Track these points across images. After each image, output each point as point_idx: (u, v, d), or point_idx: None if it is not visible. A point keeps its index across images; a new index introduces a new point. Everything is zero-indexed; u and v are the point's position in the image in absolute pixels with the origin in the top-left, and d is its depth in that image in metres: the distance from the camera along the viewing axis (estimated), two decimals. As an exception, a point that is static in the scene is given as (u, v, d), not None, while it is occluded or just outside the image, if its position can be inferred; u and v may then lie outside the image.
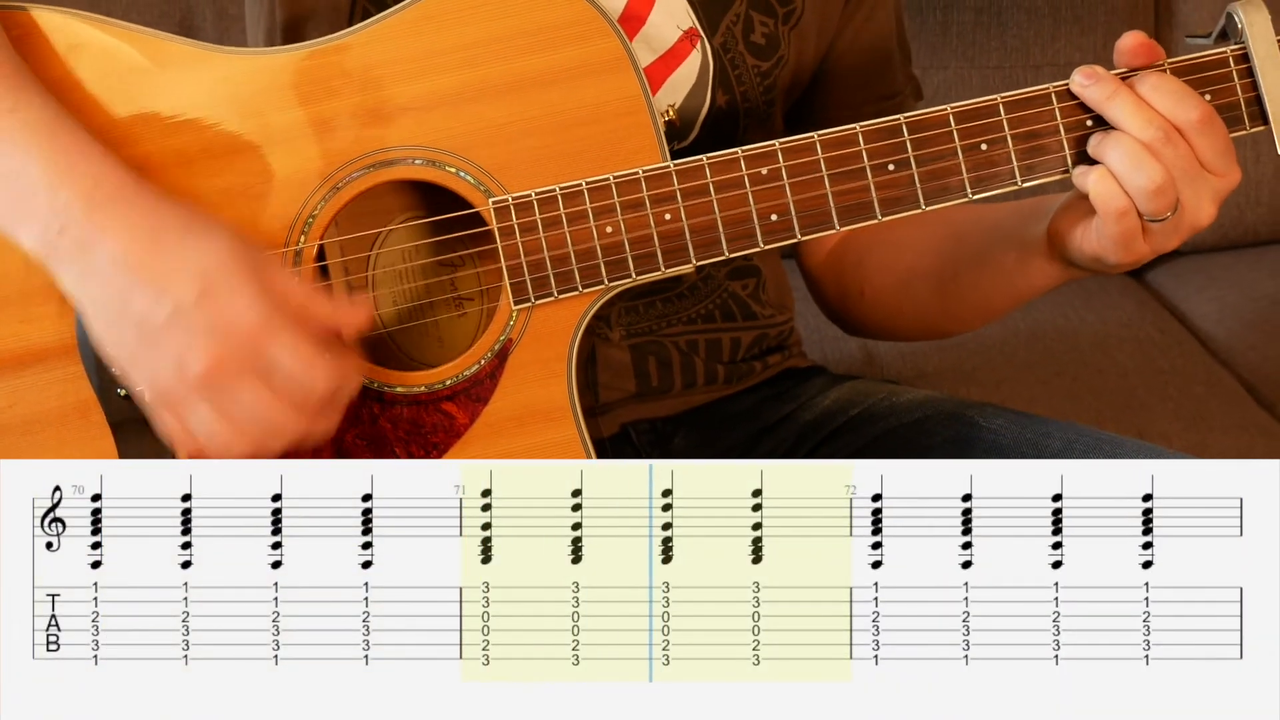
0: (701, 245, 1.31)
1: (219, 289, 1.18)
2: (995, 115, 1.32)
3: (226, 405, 1.19)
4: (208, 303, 1.18)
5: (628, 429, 1.51)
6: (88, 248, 1.20)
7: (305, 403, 1.20)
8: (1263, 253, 2.39)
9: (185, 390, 1.19)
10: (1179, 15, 2.36)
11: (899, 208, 1.32)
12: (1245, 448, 2.00)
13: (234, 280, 1.18)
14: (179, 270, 1.19)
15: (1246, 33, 1.31)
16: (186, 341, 1.18)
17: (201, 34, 2.19)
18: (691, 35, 1.45)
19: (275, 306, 1.19)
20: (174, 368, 1.19)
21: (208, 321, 1.18)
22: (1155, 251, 1.32)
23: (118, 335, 1.21)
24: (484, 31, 1.29)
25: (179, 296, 1.18)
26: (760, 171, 1.30)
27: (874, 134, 1.31)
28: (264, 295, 1.19)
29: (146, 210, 1.21)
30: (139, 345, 1.20)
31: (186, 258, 1.19)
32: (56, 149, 1.21)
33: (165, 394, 1.21)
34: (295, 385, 1.20)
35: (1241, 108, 1.32)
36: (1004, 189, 1.32)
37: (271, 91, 1.30)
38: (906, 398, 1.53)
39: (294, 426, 1.21)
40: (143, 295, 1.19)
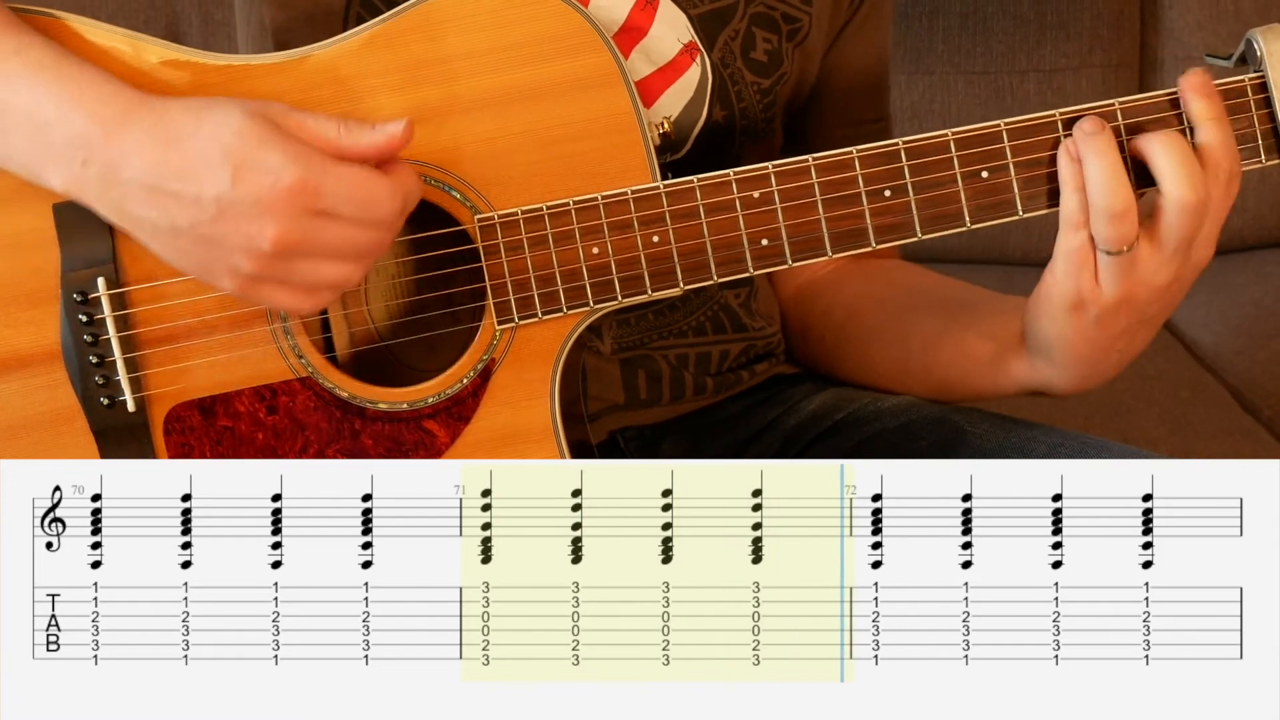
0: (690, 269, 1.28)
1: (250, 161, 1.17)
2: (998, 141, 1.28)
3: (316, 255, 1.19)
4: (243, 179, 1.17)
5: (615, 436, 1.50)
6: (114, 172, 1.19)
7: (381, 218, 1.19)
8: (1248, 258, 2.39)
9: (271, 267, 1.19)
10: (1164, 23, 2.36)
11: (894, 235, 1.28)
12: (1231, 452, 1.99)
13: (260, 146, 1.17)
14: (205, 160, 1.17)
15: (1266, 61, 1.27)
16: (244, 230, 1.17)
17: (188, 39, 2.18)
18: (691, 49, 1.44)
19: (308, 155, 1.17)
20: (247, 255, 1.18)
21: (253, 198, 1.17)
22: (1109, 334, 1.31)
23: (179, 250, 1.21)
24: (474, 43, 1.27)
25: (216, 186, 1.17)
26: (752, 195, 1.28)
27: (871, 158, 1.28)
28: (293, 148, 1.17)
29: (155, 116, 1.19)
30: (204, 252, 1.20)
31: (206, 144, 1.18)
32: (63, 79, 1.20)
33: (256, 279, 1.20)
34: (365, 209, 1.18)
35: (1258, 139, 1.29)
36: (1005, 218, 1.29)
37: (256, 99, 1.27)
38: (892, 402, 1.52)
39: (384, 240, 1.20)
40: (182, 203, 1.18)
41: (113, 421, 1.28)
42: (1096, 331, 1.30)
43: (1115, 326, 1.30)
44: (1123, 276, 1.27)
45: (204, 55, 1.29)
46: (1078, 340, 1.31)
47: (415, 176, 1.23)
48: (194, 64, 1.28)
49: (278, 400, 1.30)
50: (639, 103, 1.28)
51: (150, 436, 1.29)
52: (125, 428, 1.28)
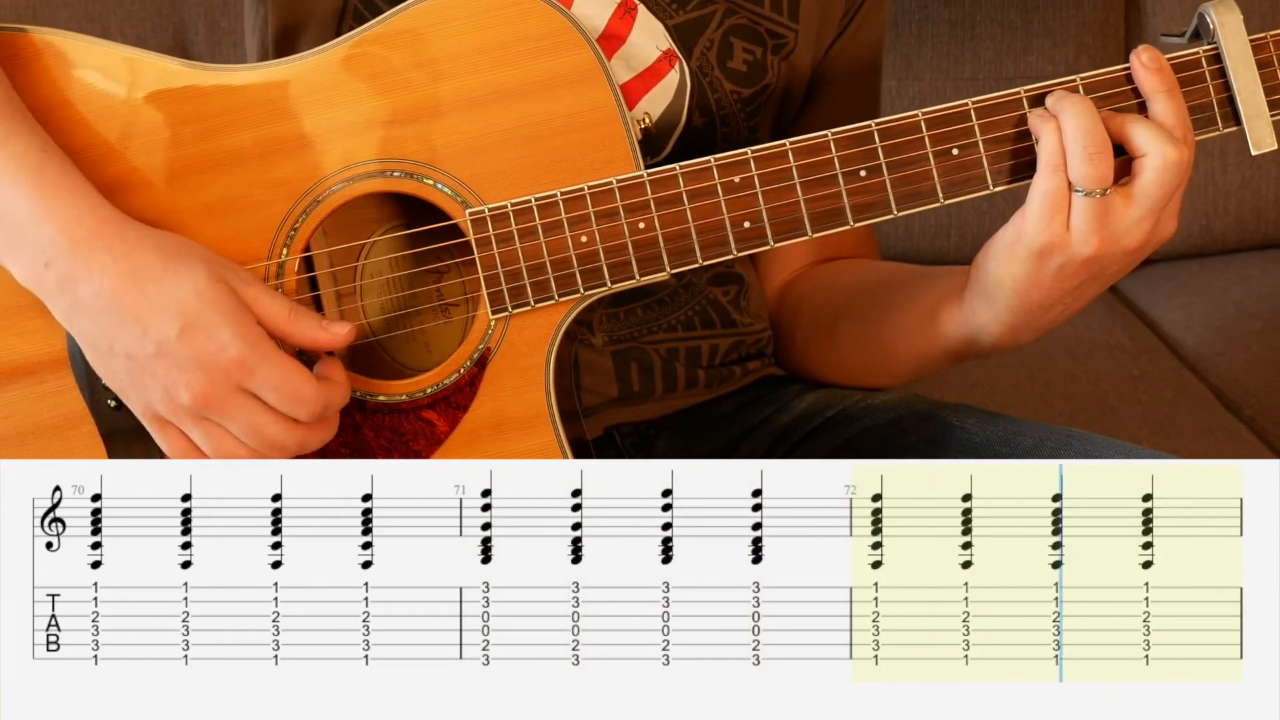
0: (676, 253, 1.29)
1: (200, 323, 1.20)
2: (967, 120, 1.29)
3: (222, 426, 1.22)
4: (189, 337, 1.20)
5: (612, 432, 1.50)
6: (72, 283, 1.21)
7: (298, 416, 1.22)
8: (1229, 261, 2.39)
9: (180, 416, 1.22)
10: (1150, 30, 2.36)
11: (871, 213, 1.29)
12: (1213, 450, 1.99)
13: (214, 313, 1.20)
14: (160, 308, 1.20)
15: (1219, 33, 1.29)
16: (173, 376, 1.21)
17: (195, 48, 2.18)
18: (670, 56, 1.44)
19: (256, 336, 1.21)
20: (164, 398, 1.22)
21: (192, 355, 1.20)
22: (1074, 284, 1.30)
23: (108, 368, 1.23)
24: (461, 45, 1.28)
25: (162, 333, 1.20)
26: (733, 180, 1.29)
27: (846, 141, 1.29)
28: (244, 326, 1.20)
29: (126, 248, 1.21)
30: (129, 377, 1.23)
31: (166, 294, 1.20)
32: (43, 183, 1.22)
33: (163, 421, 1.23)
34: (285, 406, 1.21)
35: (1214, 108, 1.30)
36: (976, 193, 1.30)
37: (253, 108, 1.29)
38: (882, 399, 1.52)
39: (290, 438, 1.22)
40: (127, 332, 1.21)
41: (120, 424, 1.29)
42: (1053, 282, 1.30)
43: (1072, 281, 1.30)
44: (1096, 225, 1.27)
45: (203, 67, 1.30)
46: (1030, 286, 1.30)
47: (346, 389, 1.26)
48: (192, 75, 1.30)
49: (279, 398, 1.29)
50: (620, 96, 1.29)
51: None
52: (132, 429, 1.28)
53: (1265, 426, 2.07)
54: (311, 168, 1.29)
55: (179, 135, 1.29)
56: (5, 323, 1.27)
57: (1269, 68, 1.29)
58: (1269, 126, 1.29)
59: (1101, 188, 1.26)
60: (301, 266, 1.31)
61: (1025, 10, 2.30)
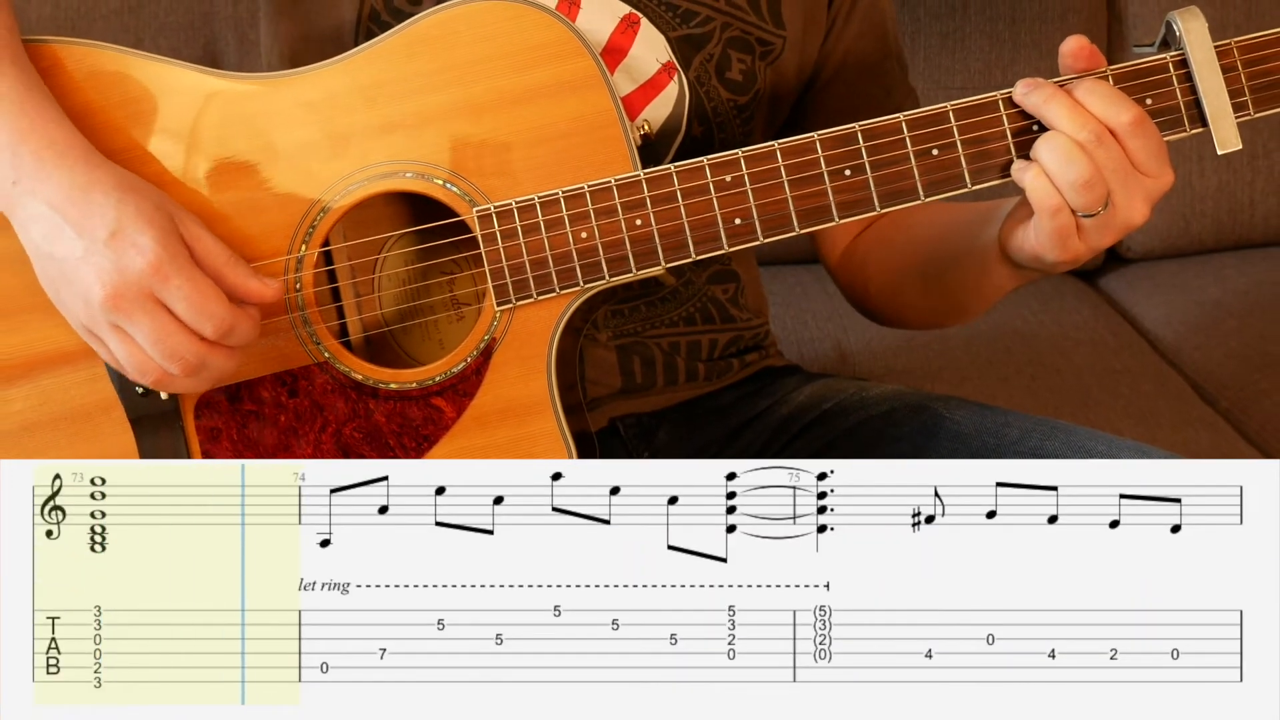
0: (670, 248, 1.30)
1: (128, 230, 1.22)
2: (946, 122, 1.30)
3: (131, 330, 1.22)
4: (115, 242, 1.21)
5: (615, 423, 1.50)
6: (32, 195, 1.23)
7: (204, 330, 1.22)
8: (1206, 260, 2.39)
9: (95, 318, 1.23)
10: (1130, 42, 2.36)
11: (855, 210, 1.30)
12: (1191, 441, 1.99)
13: (145, 224, 1.22)
14: (97, 216, 1.22)
15: (1185, 39, 1.29)
16: (92, 276, 1.21)
17: (225, 58, 2.19)
18: (670, 68, 1.45)
19: (177, 249, 1.22)
20: (83, 299, 1.23)
21: (114, 257, 1.21)
22: (1091, 249, 1.30)
23: (46, 276, 1.25)
24: (470, 53, 1.30)
25: (92, 235, 1.22)
26: (724, 179, 1.29)
27: (831, 142, 1.29)
28: (168, 239, 1.22)
29: (86, 169, 1.24)
30: (59, 280, 1.24)
31: (107, 208, 1.22)
32: (22, 114, 1.25)
33: (82, 323, 1.24)
34: (191, 318, 1.22)
35: (1181, 110, 1.30)
36: (955, 191, 1.30)
37: (275, 113, 1.31)
38: (875, 392, 1.52)
39: (191, 351, 1.23)
40: (65, 236, 1.23)
41: (147, 410, 1.30)
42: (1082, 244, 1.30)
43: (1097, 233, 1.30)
44: (1105, 229, 1.28)
45: (226, 75, 1.32)
46: (1059, 260, 1.31)
47: (255, 322, 1.26)
48: (216, 83, 1.32)
49: (298, 384, 1.31)
50: (619, 101, 1.30)
51: (182, 422, 1.31)
52: (159, 415, 1.30)
53: (1240, 418, 2.08)
54: (330, 169, 1.30)
55: (206, 138, 1.30)
56: (45, 314, 1.28)
57: (1233, 72, 1.29)
58: (1234, 128, 1.28)
59: (1103, 204, 1.26)
60: (320, 261, 1.32)
61: (1013, 23, 2.30)
